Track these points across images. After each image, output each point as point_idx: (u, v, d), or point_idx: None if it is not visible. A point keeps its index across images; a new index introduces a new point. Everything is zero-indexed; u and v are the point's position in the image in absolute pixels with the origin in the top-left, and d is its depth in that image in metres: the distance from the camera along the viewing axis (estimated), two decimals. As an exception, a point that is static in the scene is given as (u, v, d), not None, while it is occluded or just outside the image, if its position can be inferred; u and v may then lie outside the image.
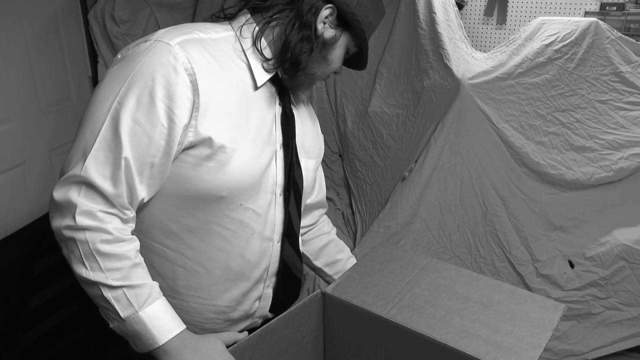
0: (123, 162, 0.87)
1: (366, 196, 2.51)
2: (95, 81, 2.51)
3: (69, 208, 0.87)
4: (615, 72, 2.07)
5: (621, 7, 2.29)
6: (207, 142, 0.92)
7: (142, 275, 0.91)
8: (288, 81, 1.04)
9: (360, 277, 1.09)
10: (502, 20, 2.56)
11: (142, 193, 0.91)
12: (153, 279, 0.95)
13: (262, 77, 1.01)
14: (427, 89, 2.21)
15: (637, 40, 2.13)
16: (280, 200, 1.06)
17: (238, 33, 1.01)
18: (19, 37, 2.08)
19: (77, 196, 0.86)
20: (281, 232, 1.08)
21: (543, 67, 2.09)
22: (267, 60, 1.00)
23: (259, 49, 1.00)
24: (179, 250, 0.99)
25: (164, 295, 0.94)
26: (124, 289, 0.88)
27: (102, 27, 2.45)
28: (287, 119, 1.06)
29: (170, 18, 2.53)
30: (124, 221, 0.91)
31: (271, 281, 1.11)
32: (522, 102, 2.12)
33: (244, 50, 1.00)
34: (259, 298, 1.11)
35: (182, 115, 0.88)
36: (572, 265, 2.12)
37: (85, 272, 0.87)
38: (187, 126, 0.90)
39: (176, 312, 0.96)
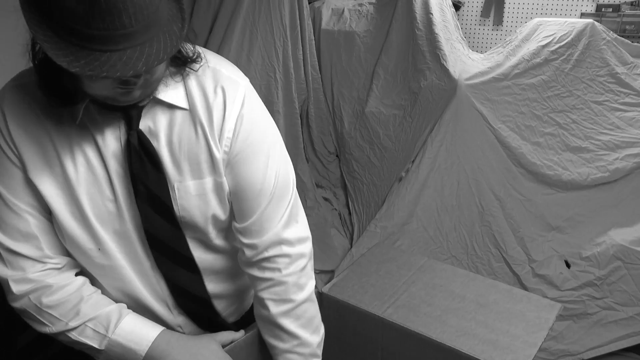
0: (26, 215, 0.85)
1: (363, 196, 2.51)
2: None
3: (4, 282, 0.88)
4: (611, 73, 2.08)
5: (617, 8, 2.30)
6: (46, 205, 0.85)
7: (98, 305, 0.90)
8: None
9: (357, 277, 1.09)
10: (498, 21, 2.57)
11: (58, 247, 0.89)
12: None
13: (71, 110, 0.82)
14: (424, 90, 2.22)
15: (632, 42, 2.14)
16: (150, 253, 0.92)
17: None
18: (16, 37, 2.07)
19: (5, 269, 0.87)
20: (166, 286, 0.95)
21: (539, 68, 2.10)
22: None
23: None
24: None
25: None
26: (87, 324, 0.88)
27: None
28: (131, 151, 0.84)
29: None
30: (61, 271, 0.90)
31: (180, 310, 0.99)
32: (519, 103, 2.13)
33: None
34: (180, 326, 1.00)
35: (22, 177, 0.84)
36: (568, 266, 2.12)
37: (48, 328, 0.88)
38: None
39: None
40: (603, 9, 2.33)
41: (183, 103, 0.86)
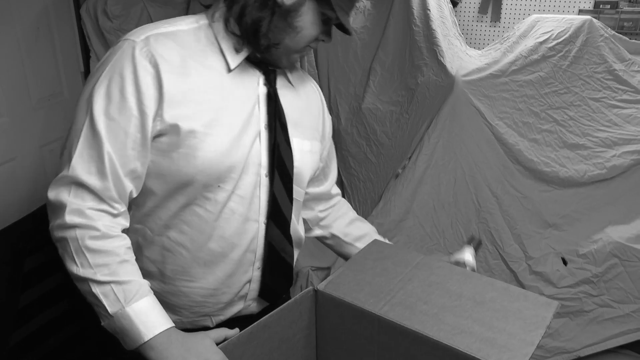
0: (106, 157, 0.91)
1: (359, 193, 2.50)
2: (87, 76, 2.49)
3: (60, 208, 0.91)
4: (608, 70, 2.07)
5: (615, 5, 2.30)
6: (174, 129, 0.95)
7: (130, 272, 0.93)
8: (263, 57, 1.04)
9: (352, 275, 1.08)
10: (496, 17, 2.56)
11: (129, 186, 0.95)
12: (144, 265, 0.99)
13: (235, 59, 1.02)
14: (421, 86, 2.21)
15: (630, 39, 2.13)
16: (265, 181, 1.07)
17: (210, 19, 1.03)
18: (9, 32, 2.06)
19: (67, 196, 0.91)
20: (266, 214, 1.08)
21: (537, 65, 2.09)
22: (236, 38, 1.01)
23: (229, 29, 1.01)
24: (163, 233, 1.02)
25: (155, 281, 0.98)
26: (112, 285, 0.90)
27: (94, 22, 2.43)
28: (270, 99, 1.07)
29: (163, 13, 2.51)
30: (114, 216, 0.94)
31: (260, 264, 1.12)
32: (516, 100, 2.12)
33: (215, 35, 1.02)
34: (249, 281, 1.12)
35: (150, 106, 0.94)
36: (565, 263, 2.12)
37: (76, 268, 0.90)
38: (155, 116, 0.94)
39: (167, 297, 1.01)
40: (601, 6, 2.32)
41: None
